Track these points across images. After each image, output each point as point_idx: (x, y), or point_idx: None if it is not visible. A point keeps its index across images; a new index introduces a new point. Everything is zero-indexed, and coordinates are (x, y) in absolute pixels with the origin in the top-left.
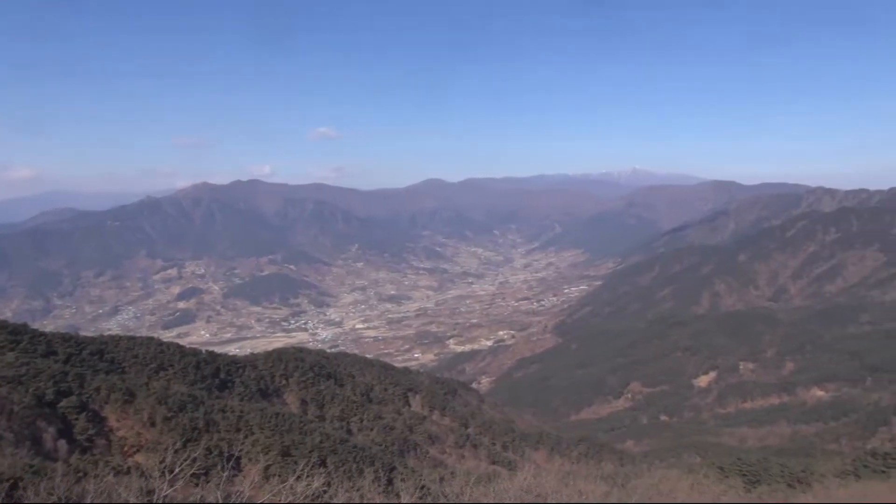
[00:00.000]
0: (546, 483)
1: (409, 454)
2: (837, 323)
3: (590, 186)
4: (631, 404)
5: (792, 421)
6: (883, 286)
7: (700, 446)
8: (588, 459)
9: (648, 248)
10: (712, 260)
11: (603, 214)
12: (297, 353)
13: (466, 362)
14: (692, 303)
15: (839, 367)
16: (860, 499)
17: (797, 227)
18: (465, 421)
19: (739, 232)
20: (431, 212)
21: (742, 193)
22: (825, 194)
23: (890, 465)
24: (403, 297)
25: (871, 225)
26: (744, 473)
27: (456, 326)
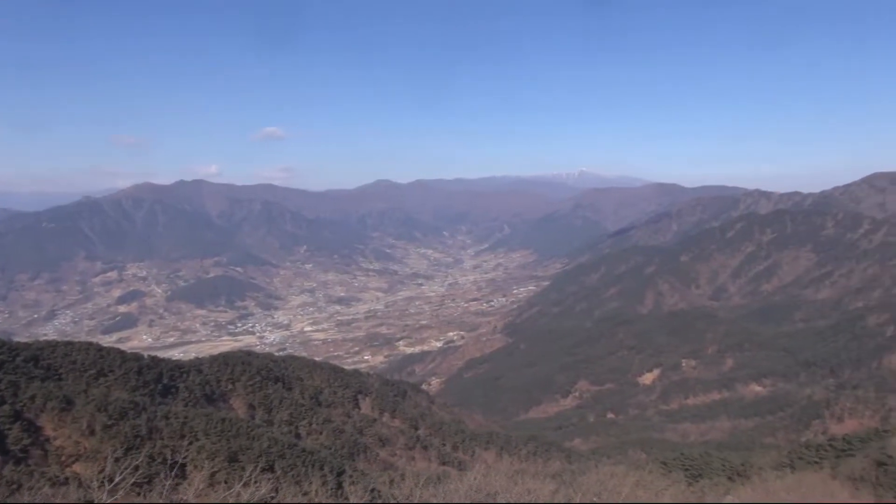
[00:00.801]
0: (495, 482)
1: (359, 457)
2: (773, 321)
3: (539, 188)
4: (578, 403)
5: (732, 416)
6: (815, 285)
7: (645, 442)
8: (537, 458)
9: (595, 249)
10: (656, 260)
11: (551, 216)
12: (244, 357)
13: (416, 364)
14: (637, 302)
15: (775, 363)
16: (795, 489)
17: (736, 228)
18: (415, 422)
19: (682, 233)
20: (381, 213)
21: (684, 196)
22: (761, 196)
23: (822, 457)
24: (353, 298)
25: (805, 226)
26: (686, 468)
27: (406, 328)
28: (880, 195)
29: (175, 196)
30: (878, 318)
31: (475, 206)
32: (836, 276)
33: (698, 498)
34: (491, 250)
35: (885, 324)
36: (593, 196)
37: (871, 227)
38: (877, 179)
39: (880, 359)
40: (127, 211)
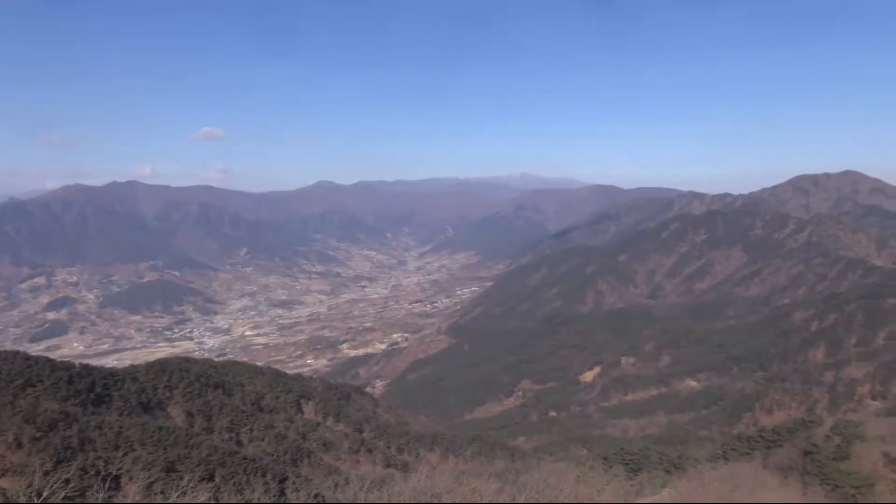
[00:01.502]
0: (440, 483)
1: (303, 462)
2: (707, 318)
3: (481, 190)
4: (522, 402)
5: (669, 410)
6: (745, 283)
7: (586, 439)
8: (481, 458)
9: (537, 250)
10: (595, 260)
11: (494, 217)
12: (182, 364)
13: (360, 366)
14: (578, 301)
15: (709, 358)
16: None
17: (671, 228)
18: (359, 426)
19: (620, 234)
20: (323, 215)
21: (622, 197)
22: (695, 198)
23: (753, 448)
24: (295, 302)
25: (735, 226)
26: (626, 462)
27: (349, 331)
28: (804, 197)
29: (107, 198)
30: (803, 314)
31: (418, 207)
32: (765, 275)
33: (637, 491)
34: (434, 252)
35: (810, 319)
36: (534, 198)
37: (797, 228)
38: (801, 182)
39: (805, 353)
40: (55, 213)
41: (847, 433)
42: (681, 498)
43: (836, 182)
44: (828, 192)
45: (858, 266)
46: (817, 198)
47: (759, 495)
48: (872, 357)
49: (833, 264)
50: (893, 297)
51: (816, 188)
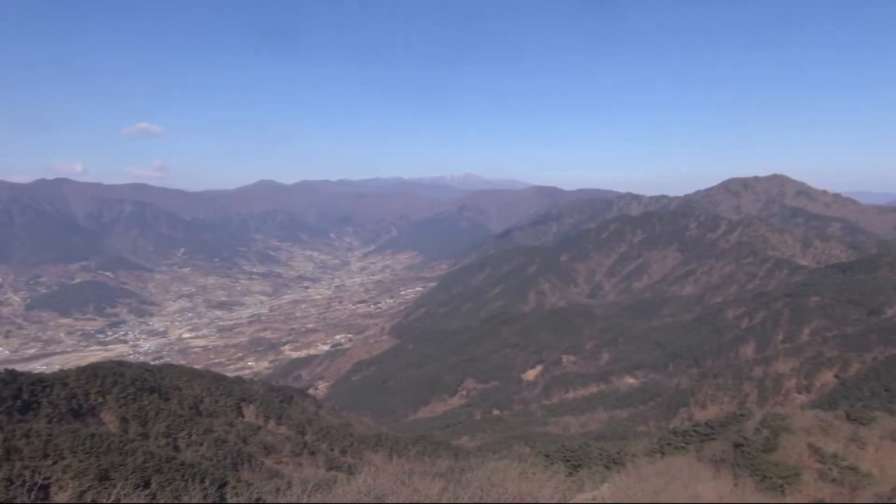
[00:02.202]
0: (384, 484)
1: (243, 467)
2: (644, 316)
3: (424, 190)
4: (465, 401)
5: (608, 407)
6: (680, 282)
7: (529, 437)
8: (425, 457)
9: (480, 250)
10: (538, 260)
11: (437, 217)
12: (116, 368)
13: (303, 368)
14: (520, 301)
15: (646, 356)
16: (664, 473)
17: (610, 229)
18: (302, 428)
19: (561, 234)
20: (264, 214)
21: (563, 198)
22: (633, 199)
23: (688, 441)
24: (235, 303)
25: (671, 227)
26: (567, 459)
27: (291, 332)
28: (735, 199)
29: (34, 196)
30: (734, 311)
31: (361, 207)
32: (699, 274)
33: (578, 487)
34: (378, 252)
35: (741, 317)
36: (478, 198)
37: (728, 228)
38: (732, 184)
39: (737, 349)
40: None
41: (775, 426)
42: (619, 492)
43: (765, 185)
44: (757, 194)
45: (785, 265)
46: (747, 200)
47: (693, 487)
48: (798, 352)
49: (762, 264)
50: (817, 295)
51: (746, 191)
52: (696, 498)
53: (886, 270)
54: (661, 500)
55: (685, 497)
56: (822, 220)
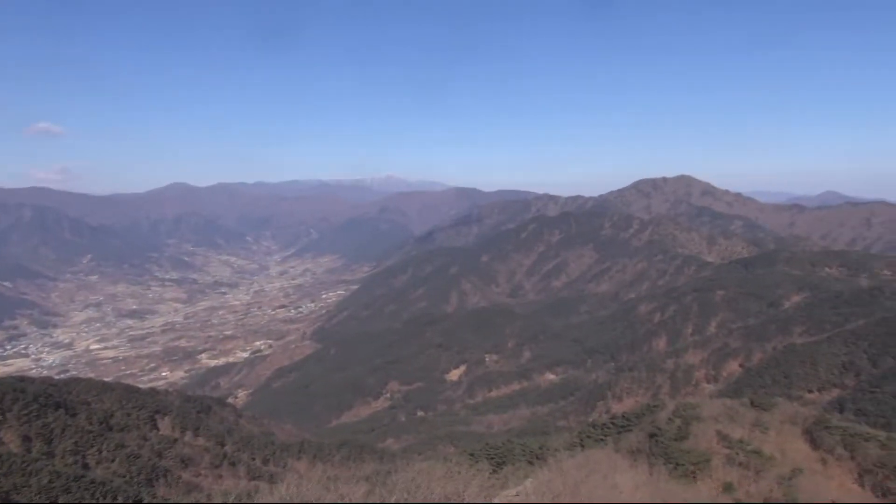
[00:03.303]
0: (308, 491)
1: (159, 482)
2: (563, 314)
3: (344, 192)
4: (390, 403)
5: (530, 404)
6: (596, 280)
7: (453, 436)
8: (350, 462)
9: (402, 252)
10: (459, 261)
11: (358, 219)
12: (16, 383)
13: (221, 377)
14: (443, 301)
15: (566, 352)
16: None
17: (528, 229)
18: (221, 439)
19: (482, 235)
20: (178, 218)
21: (482, 199)
22: (550, 200)
23: (606, 434)
24: (147, 311)
25: (587, 227)
26: (491, 457)
27: (208, 340)
28: (646, 199)
29: None
30: (647, 307)
31: (280, 210)
32: (613, 272)
33: (502, 484)
34: (298, 255)
35: (653, 312)
36: (398, 200)
37: (640, 227)
38: (643, 185)
39: (650, 342)
40: None
41: (686, 415)
42: (541, 486)
43: (673, 186)
44: (665, 194)
45: (693, 262)
46: (657, 200)
47: (612, 478)
48: (706, 344)
49: (672, 260)
50: (722, 289)
51: (656, 191)
52: (614, 488)
53: (783, 265)
54: (581, 492)
55: (604, 487)
56: (725, 218)
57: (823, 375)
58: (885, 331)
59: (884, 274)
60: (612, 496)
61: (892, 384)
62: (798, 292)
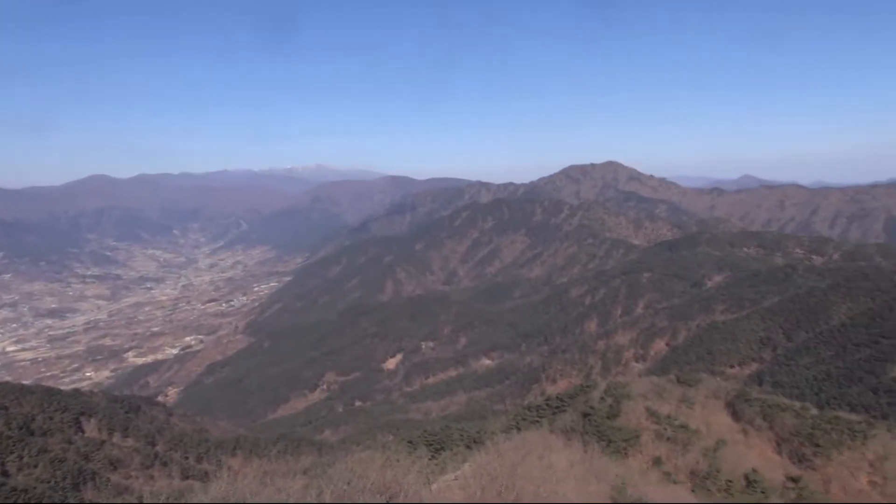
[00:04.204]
0: (244, 487)
1: (86, 486)
2: (497, 299)
3: (274, 182)
4: (327, 395)
5: (467, 389)
6: (529, 265)
7: (392, 425)
8: (287, 456)
9: (335, 242)
10: (393, 250)
11: (289, 210)
12: None
13: (150, 375)
14: (378, 291)
15: (501, 337)
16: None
17: (462, 217)
18: (151, 438)
19: (415, 223)
20: (98, 212)
21: (416, 188)
22: (482, 187)
23: (541, 415)
24: (68, 310)
25: (519, 213)
26: (430, 443)
27: (135, 337)
28: (575, 185)
29: None
30: (578, 290)
31: (207, 201)
32: (545, 256)
33: (441, 469)
34: (227, 248)
35: (584, 294)
36: (330, 189)
37: (570, 213)
38: (572, 171)
39: (582, 325)
40: None
41: (617, 394)
42: (480, 470)
43: (601, 171)
44: (594, 180)
45: (621, 245)
46: (586, 185)
47: (548, 458)
48: (634, 325)
49: (601, 244)
50: (649, 271)
51: (585, 177)
52: (549, 467)
53: (705, 246)
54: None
55: (540, 467)
56: (650, 202)
57: (743, 351)
58: (798, 307)
59: (796, 252)
60: (547, 475)
61: (805, 357)
62: (719, 272)
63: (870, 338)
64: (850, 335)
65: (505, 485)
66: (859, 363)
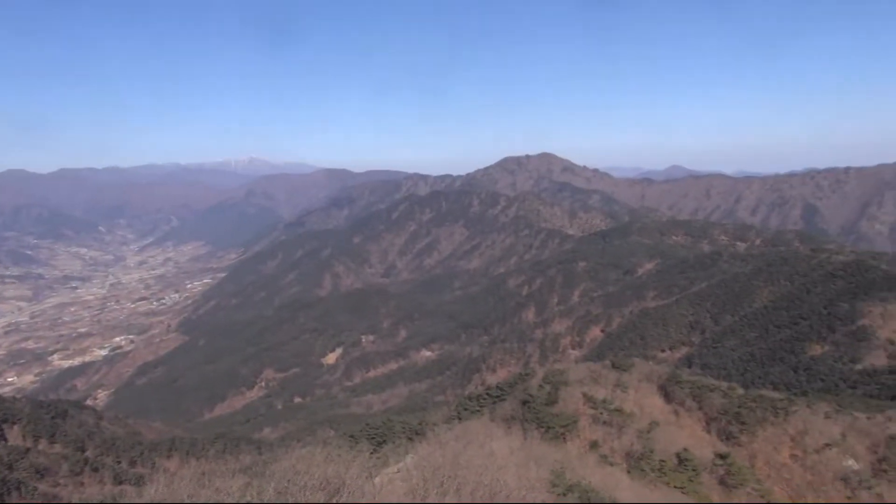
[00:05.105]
0: (180, 489)
1: (11, 496)
2: (437, 291)
3: (206, 176)
4: (265, 392)
5: (408, 381)
6: (467, 256)
7: (333, 420)
8: (225, 455)
9: (271, 237)
10: (331, 244)
11: (222, 205)
12: None
13: (77, 378)
14: (316, 285)
15: (441, 328)
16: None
17: (400, 209)
18: (80, 444)
19: (353, 216)
20: (16, 209)
21: (353, 180)
22: (420, 180)
23: (482, 405)
24: None
25: (457, 205)
26: (372, 437)
27: (60, 339)
28: (511, 176)
29: None
30: (515, 280)
31: (135, 197)
32: (483, 248)
33: (383, 462)
34: (158, 244)
35: (522, 285)
36: (265, 183)
37: (507, 204)
38: (508, 163)
39: (520, 315)
40: None
41: (555, 381)
42: (422, 461)
43: (536, 163)
44: (529, 172)
45: (556, 235)
46: (521, 177)
47: (489, 446)
48: (570, 313)
49: (537, 235)
50: (584, 260)
51: (520, 168)
52: (490, 455)
53: (637, 235)
54: (459, 462)
55: (481, 456)
56: (584, 193)
57: (674, 335)
58: (723, 291)
59: (721, 239)
60: (488, 463)
61: (731, 339)
62: (650, 260)
63: (790, 319)
64: (771, 317)
65: (447, 475)
66: (780, 343)
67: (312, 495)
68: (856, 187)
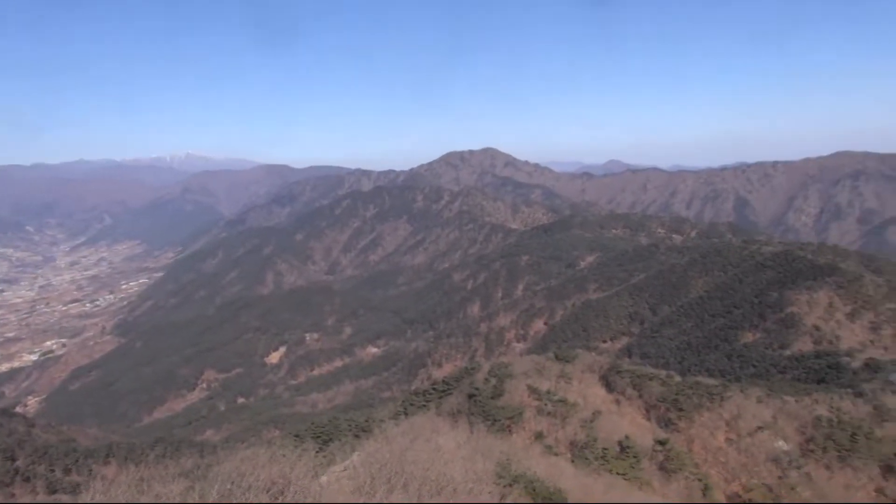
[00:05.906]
0: (118, 496)
1: None
2: (381, 287)
3: (141, 173)
4: (207, 393)
5: (354, 378)
6: (412, 252)
7: (278, 420)
8: (167, 460)
9: (210, 234)
10: (273, 241)
11: (158, 202)
12: None
13: (5, 384)
14: (258, 283)
15: (386, 324)
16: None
17: (343, 205)
18: (10, 453)
19: (295, 213)
20: None
21: (294, 176)
22: (363, 175)
23: (429, 400)
24: None
25: (400, 200)
26: (317, 435)
27: None
28: (454, 171)
29: None
30: (460, 274)
31: (65, 194)
32: (427, 243)
33: (329, 460)
34: (90, 244)
35: (466, 279)
36: (203, 179)
37: (451, 199)
38: (451, 158)
39: (465, 309)
40: None
41: (500, 374)
42: (368, 458)
43: (479, 158)
44: (472, 166)
45: (500, 230)
46: (465, 172)
47: (435, 440)
48: (514, 306)
49: (481, 229)
50: (527, 254)
51: (463, 163)
52: (437, 450)
53: (578, 229)
54: (406, 458)
55: (428, 451)
56: (526, 187)
57: (614, 326)
58: (661, 282)
59: (658, 232)
60: (435, 457)
61: (668, 329)
62: (591, 253)
63: (724, 308)
64: (706, 307)
65: (394, 471)
66: (715, 332)
67: (257, 496)
68: (783, 181)
